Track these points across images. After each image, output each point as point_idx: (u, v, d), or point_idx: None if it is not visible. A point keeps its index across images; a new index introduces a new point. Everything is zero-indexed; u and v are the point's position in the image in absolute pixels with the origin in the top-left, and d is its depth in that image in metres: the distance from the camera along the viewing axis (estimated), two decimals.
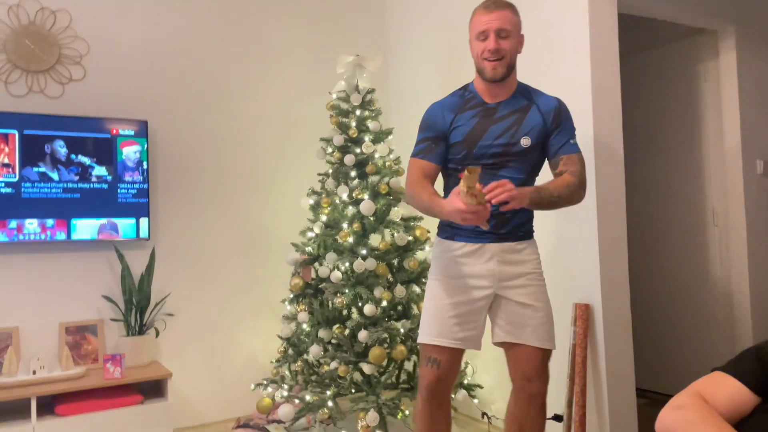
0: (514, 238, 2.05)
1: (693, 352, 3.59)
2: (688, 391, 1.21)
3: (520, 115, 2.03)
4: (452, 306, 2.03)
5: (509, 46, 1.97)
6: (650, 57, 3.83)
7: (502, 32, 1.96)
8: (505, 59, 1.97)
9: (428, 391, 2.06)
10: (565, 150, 2.01)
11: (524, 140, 2.00)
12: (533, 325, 2.01)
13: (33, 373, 2.75)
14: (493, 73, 1.98)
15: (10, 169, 2.87)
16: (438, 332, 2.03)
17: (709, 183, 3.53)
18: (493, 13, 1.96)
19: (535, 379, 2.02)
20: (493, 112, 2.04)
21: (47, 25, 3.07)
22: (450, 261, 2.07)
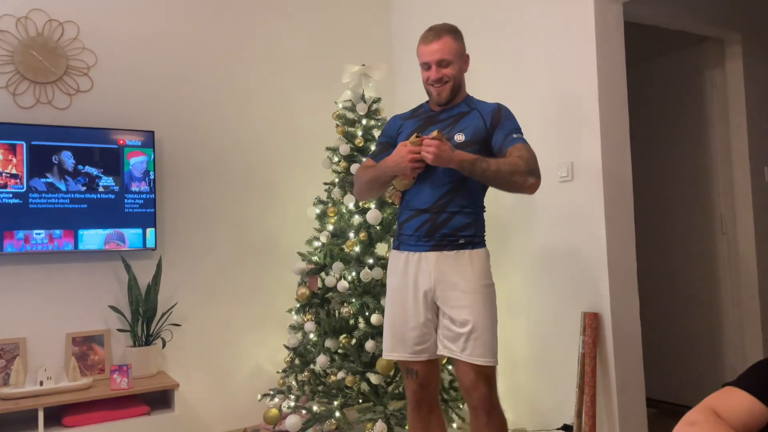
0: (453, 247, 2.04)
1: (703, 361, 3.56)
2: (700, 407, 1.19)
3: (458, 116, 2.12)
4: (402, 319, 2.08)
5: (451, 71, 2.09)
6: (657, 65, 3.83)
7: (442, 62, 2.09)
8: (449, 83, 2.10)
9: (414, 401, 2.13)
10: (508, 143, 2.02)
11: (458, 136, 2.07)
12: (466, 340, 2.00)
13: (40, 383, 2.75)
14: (438, 97, 2.13)
15: (18, 179, 2.88)
16: (393, 347, 2.10)
17: (716, 190, 3.52)
18: (431, 45, 2.09)
19: (471, 391, 2.03)
20: (435, 116, 2.16)
21: (55, 37, 3.09)
22: (394, 271, 2.14)
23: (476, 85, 3.28)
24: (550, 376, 2.84)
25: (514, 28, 3.05)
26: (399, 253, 2.14)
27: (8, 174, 2.87)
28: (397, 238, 2.18)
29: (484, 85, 3.25)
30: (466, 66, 2.16)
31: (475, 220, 2.08)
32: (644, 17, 3.07)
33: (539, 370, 2.90)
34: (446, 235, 2.04)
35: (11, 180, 2.87)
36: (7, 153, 2.87)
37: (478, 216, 2.10)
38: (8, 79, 2.98)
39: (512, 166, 1.94)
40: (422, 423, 2.14)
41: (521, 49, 3.00)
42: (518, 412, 3.01)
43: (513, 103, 3.01)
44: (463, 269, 2.02)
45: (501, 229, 3.13)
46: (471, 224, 2.06)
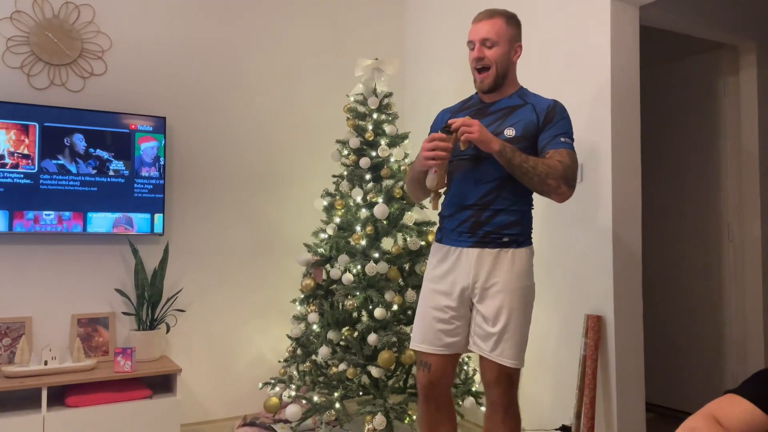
0: (496, 245, 2.00)
1: (704, 368, 3.56)
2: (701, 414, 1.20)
3: (509, 110, 2.05)
4: (434, 312, 2.06)
5: (495, 54, 2.01)
6: (671, 69, 3.81)
7: (486, 41, 2.01)
8: (492, 69, 2.02)
9: (423, 394, 2.10)
10: (553, 145, 1.96)
11: (508, 131, 2.00)
12: (495, 340, 1.98)
13: (45, 363, 2.78)
14: (481, 84, 2.06)
15: (29, 160, 2.90)
16: (422, 338, 2.07)
17: (725, 198, 3.51)
18: (480, 23, 2.03)
19: (493, 387, 2.02)
20: (486, 108, 2.09)
21: (71, 20, 3.10)
22: (434, 265, 2.11)
23: None
24: (550, 376, 2.85)
25: (530, 28, 3.04)
26: (440, 246, 2.11)
27: (20, 154, 2.89)
28: (439, 231, 2.14)
29: None
30: (517, 55, 2.06)
31: (521, 219, 2.03)
32: (660, 22, 3.06)
33: (540, 371, 2.91)
34: (489, 233, 2.00)
35: (23, 160, 2.89)
36: (20, 133, 2.89)
37: (524, 214, 2.05)
38: (23, 60, 3.00)
39: (550, 168, 1.90)
40: (430, 418, 2.11)
41: (536, 51, 3.00)
42: None
43: None
44: (503, 268, 1.99)
45: None
46: (516, 222, 2.02)
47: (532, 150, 2.00)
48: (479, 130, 1.88)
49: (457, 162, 2.07)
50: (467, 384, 3.03)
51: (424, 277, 2.16)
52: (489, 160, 1.99)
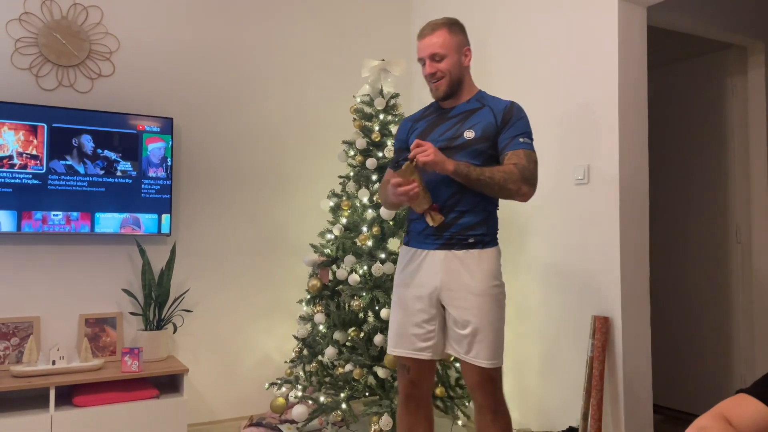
0: (462, 246, 2.02)
1: (711, 370, 3.54)
2: (711, 413, 1.19)
3: (468, 113, 2.08)
4: (407, 316, 2.08)
5: (446, 66, 2.05)
6: (678, 69, 3.80)
7: (435, 56, 2.05)
8: (445, 79, 2.06)
9: (404, 394, 2.14)
10: (513, 146, 1.99)
11: (467, 132, 2.03)
12: (471, 341, 1.99)
13: (53, 363, 2.79)
14: (437, 92, 2.10)
15: (37, 161, 2.92)
16: (397, 342, 2.10)
17: (733, 199, 3.49)
18: (425, 39, 2.06)
19: (476, 390, 2.03)
20: (446, 113, 2.13)
21: (79, 21, 3.12)
22: (402, 268, 2.14)
23: (497, 87, 3.28)
24: (557, 378, 2.85)
25: (536, 29, 3.04)
26: (408, 249, 2.14)
27: (28, 155, 2.90)
28: (406, 235, 2.18)
29: (505, 87, 3.24)
30: (467, 59, 2.10)
31: (486, 219, 2.05)
32: (668, 22, 3.05)
33: (547, 372, 2.91)
34: (455, 234, 2.02)
35: (31, 161, 2.90)
36: (28, 134, 2.90)
37: (489, 214, 2.07)
38: (32, 61, 3.01)
39: (507, 174, 1.93)
40: (410, 418, 2.14)
41: (542, 51, 3.00)
42: (524, 413, 3.02)
43: (533, 105, 3.02)
44: (471, 269, 2.00)
45: (514, 229, 3.13)
46: (481, 223, 2.04)
47: (492, 151, 2.03)
48: (434, 151, 1.90)
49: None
50: None
51: (394, 281, 2.18)
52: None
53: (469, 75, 2.14)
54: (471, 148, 2.01)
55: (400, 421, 2.17)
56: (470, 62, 2.11)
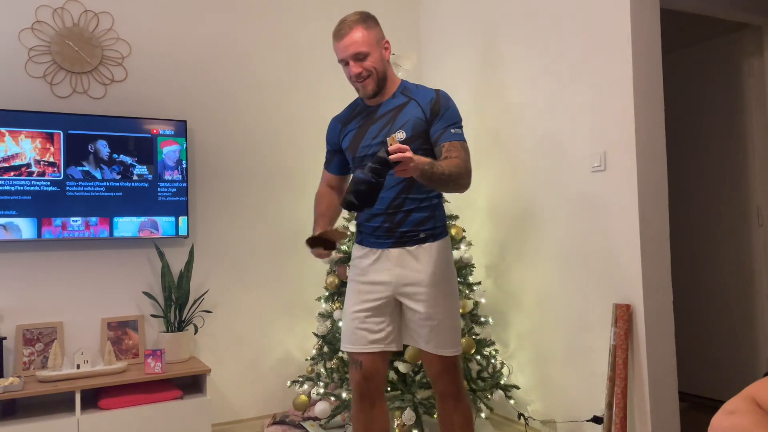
0: (414, 242, 2.04)
1: (737, 355, 3.50)
2: (741, 396, 1.17)
3: (396, 111, 2.06)
4: (357, 312, 2.09)
5: (371, 63, 2.01)
6: (694, 52, 3.75)
7: (357, 56, 2.00)
8: (372, 76, 2.03)
9: (357, 392, 2.14)
10: (446, 137, 1.98)
11: (399, 134, 2.02)
12: (428, 333, 2.02)
13: (77, 367, 2.82)
14: (365, 91, 2.06)
15: (55, 168, 2.95)
16: (348, 338, 2.11)
17: (753, 181, 3.44)
18: (343, 41, 2.00)
19: (438, 379, 2.07)
20: (373, 113, 2.10)
21: (90, 28, 3.14)
22: (356, 266, 2.14)
23: (509, 75, 3.26)
24: (580, 367, 2.82)
25: (548, 15, 3.01)
26: (361, 248, 2.15)
27: (46, 162, 2.93)
28: (359, 234, 2.17)
29: (517, 75, 3.22)
30: (388, 52, 2.07)
31: (433, 213, 2.08)
32: (681, 4, 3.01)
33: (569, 362, 2.88)
34: (406, 232, 2.05)
35: (49, 168, 2.94)
36: (45, 142, 2.93)
37: (435, 208, 2.09)
38: (45, 69, 3.04)
39: (458, 169, 1.89)
40: (365, 415, 2.14)
41: (555, 37, 2.97)
42: (548, 403, 3.00)
43: (546, 91, 2.99)
44: (424, 263, 2.03)
45: (532, 218, 3.11)
46: (429, 217, 2.07)
47: (426, 145, 2.02)
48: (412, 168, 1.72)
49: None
50: (495, 377, 3.01)
51: (348, 278, 2.19)
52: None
53: (391, 67, 2.11)
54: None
55: (356, 421, 2.16)
56: (390, 55, 2.08)
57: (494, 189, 3.36)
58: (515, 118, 3.21)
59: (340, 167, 2.23)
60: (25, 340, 2.92)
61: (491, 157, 3.38)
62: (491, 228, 3.39)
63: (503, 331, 3.30)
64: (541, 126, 3.04)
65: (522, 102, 3.17)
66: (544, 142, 3.02)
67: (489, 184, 3.40)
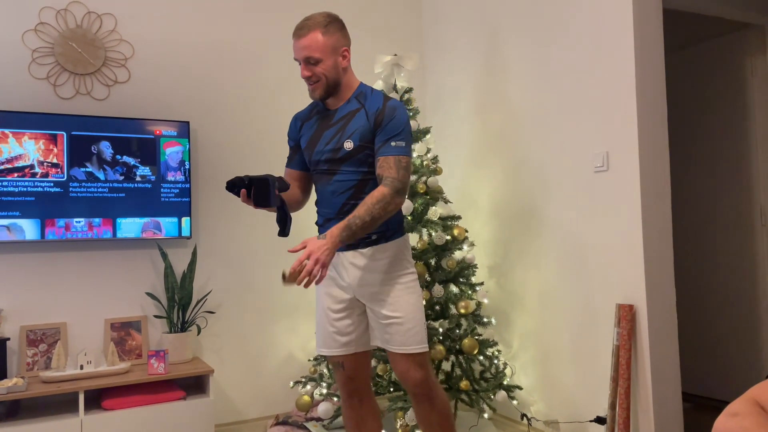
0: (366, 245, 2.04)
1: (740, 355, 3.49)
2: (743, 398, 1.17)
3: (347, 119, 2.04)
4: (325, 316, 2.11)
5: (321, 69, 1.98)
6: (696, 51, 3.74)
7: (310, 60, 1.98)
8: (321, 81, 2.00)
9: (345, 392, 2.16)
10: (384, 151, 1.96)
11: (347, 143, 2.01)
12: (392, 331, 2.02)
13: (80, 367, 2.83)
14: (313, 95, 2.03)
15: (58, 169, 2.96)
16: (322, 342, 2.13)
17: (756, 181, 3.43)
18: (300, 41, 1.98)
19: (406, 379, 2.05)
20: (329, 117, 2.09)
21: (93, 29, 3.15)
22: None
23: (512, 76, 3.25)
24: (583, 367, 2.82)
25: (550, 15, 3.01)
26: None
27: (49, 163, 2.94)
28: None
29: (520, 75, 3.21)
30: (345, 60, 2.02)
31: None
32: (683, 4, 3.00)
33: (572, 362, 2.88)
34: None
35: (52, 169, 2.94)
36: (48, 143, 2.94)
37: None
38: (49, 70, 3.05)
39: (381, 203, 1.89)
40: (355, 413, 2.16)
41: (557, 38, 2.96)
42: (551, 404, 3.00)
43: (548, 92, 2.99)
44: (379, 264, 2.03)
45: (534, 219, 3.10)
46: None
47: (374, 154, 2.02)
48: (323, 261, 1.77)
49: (315, 175, 2.11)
50: (498, 378, 3.01)
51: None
52: (340, 173, 2.02)
53: (350, 72, 2.07)
54: (353, 159, 2.01)
55: (347, 419, 2.18)
56: (349, 62, 2.05)
57: (497, 189, 3.36)
58: (517, 118, 3.21)
59: (302, 164, 2.18)
60: (29, 340, 2.93)
61: (493, 157, 3.38)
62: (494, 228, 3.39)
63: (506, 331, 3.29)
64: (543, 126, 3.04)
65: (524, 102, 3.17)
66: (546, 143, 3.02)
67: (491, 185, 3.40)
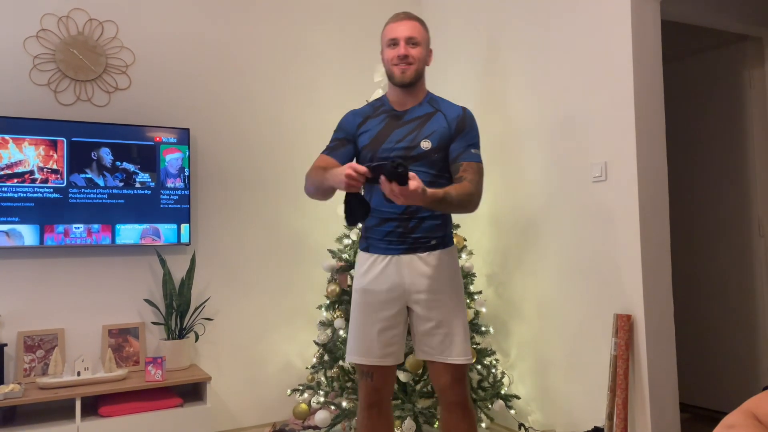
0: (425, 249, 2.03)
1: (738, 366, 3.49)
2: (740, 410, 1.17)
3: (423, 119, 2.06)
4: (370, 323, 2.06)
5: (418, 54, 2.04)
6: (694, 63, 3.76)
7: (411, 40, 2.03)
8: (414, 65, 2.03)
9: (366, 402, 2.12)
10: (465, 157, 2.01)
11: (424, 143, 2.02)
12: (439, 341, 2.01)
13: (77, 374, 2.82)
14: (402, 76, 2.03)
15: (58, 175, 2.96)
16: (359, 350, 2.08)
17: (754, 192, 3.44)
18: (403, 23, 2.04)
19: (448, 391, 2.05)
20: (399, 117, 2.09)
21: (95, 36, 3.16)
22: (363, 274, 2.10)
23: (511, 85, 3.27)
24: (581, 377, 2.82)
25: (550, 26, 3.02)
26: (368, 255, 2.10)
27: (49, 169, 2.95)
28: (364, 240, 2.13)
29: (519, 85, 3.23)
30: (430, 59, 2.11)
31: (444, 221, 2.08)
32: (682, 15, 3.02)
33: (570, 372, 2.88)
34: (419, 239, 2.03)
35: (52, 175, 2.95)
36: (49, 149, 2.95)
37: (446, 217, 2.09)
38: (50, 76, 3.06)
39: (465, 195, 1.92)
40: (372, 423, 2.12)
41: (557, 48, 2.98)
42: (548, 414, 2.99)
43: (548, 101, 3.00)
44: (435, 270, 2.03)
45: (532, 228, 3.11)
46: (441, 226, 2.07)
47: (446, 159, 2.04)
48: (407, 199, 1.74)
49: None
50: (496, 387, 3.01)
51: (353, 286, 2.14)
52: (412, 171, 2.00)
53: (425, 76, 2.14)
54: (427, 159, 2.02)
55: (361, 427, 2.15)
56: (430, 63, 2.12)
57: (495, 198, 3.37)
58: (517, 127, 3.22)
59: (346, 157, 2.11)
60: (26, 346, 2.92)
61: (492, 166, 3.39)
62: (492, 237, 3.39)
63: (504, 340, 3.29)
64: (542, 135, 3.05)
65: (524, 111, 3.18)
66: (545, 152, 3.03)
67: (490, 193, 3.41)
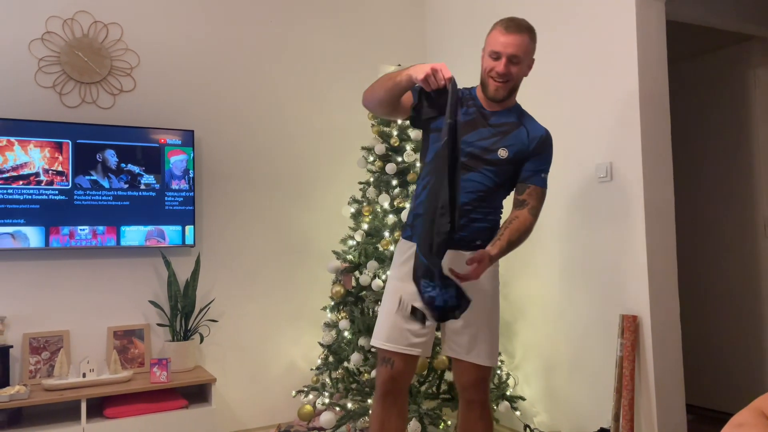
0: (469, 248, 2.01)
1: (744, 367, 3.47)
2: (749, 409, 1.17)
3: (508, 128, 2.05)
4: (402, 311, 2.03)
5: (517, 71, 2.00)
6: (699, 63, 3.75)
7: (514, 58, 1.97)
8: (510, 83, 2.01)
9: (383, 389, 2.08)
10: (535, 180, 2.01)
11: (502, 151, 2.01)
12: (468, 341, 2.01)
13: (83, 375, 2.83)
14: (495, 93, 2.02)
15: (63, 177, 2.97)
16: (388, 336, 2.04)
17: (760, 192, 3.43)
18: (510, 37, 1.97)
19: (470, 389, 2.06)
20: (486, 117, 2.06)
21: (100, 38, 3.17)
22: (402, 262, 2.08)
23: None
24: (587, 378, 2.81)
25: (555, 27, 3.02)
26: (410, 244, 2.07)
27: (54, 171, 2.95)
28: (409, 228, 2.11)
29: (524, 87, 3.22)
30: (529, 70, 2.07)
31: (492, 227, 2.07)
32: (686, 16, 3.02)
33: (576, 373, 2.87)
34: (464, 237, 2.02)
35: (57, 177, 2.96)
36: (54, 151, 2.95)
37: (495, 223, 2.08)
38: (55, 79, 3.07)
39: (526, 232, 1.97)
40: (384, 413, 2.08)
41: (561, 48, 2.98)
42: (554, 415, 2.99)
43: (553, 103, 3.00)
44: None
45: (538, 228, 3.10)
46: (488, 230, 2.05)
47: (516, 172, 2.04)
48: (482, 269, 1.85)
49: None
50: (501, 388, 3.00)
51: (389, 273, 2.14)
52: (478, 172, 2.00)
53: None
54: (498, 166, 2.01)
55: (374, 416, 2.11)
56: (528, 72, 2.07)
57: None
58: None
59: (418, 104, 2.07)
60: (32, 348, 2.93)
61: None
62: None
63: (509, 341, 3.28)
64: None
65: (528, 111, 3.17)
66: None
67: None
